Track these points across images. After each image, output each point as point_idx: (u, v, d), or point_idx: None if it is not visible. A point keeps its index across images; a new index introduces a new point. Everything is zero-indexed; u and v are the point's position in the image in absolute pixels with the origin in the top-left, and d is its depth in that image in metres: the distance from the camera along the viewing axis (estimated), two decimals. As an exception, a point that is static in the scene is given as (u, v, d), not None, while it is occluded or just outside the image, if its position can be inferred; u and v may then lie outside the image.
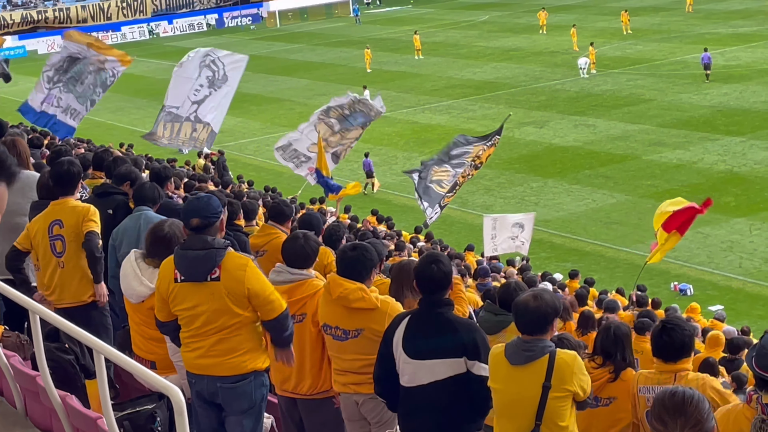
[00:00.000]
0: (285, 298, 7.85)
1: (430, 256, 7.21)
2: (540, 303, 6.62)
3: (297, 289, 8.10)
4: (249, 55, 26.10)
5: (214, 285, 7.32)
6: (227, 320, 7.36)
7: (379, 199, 36.82)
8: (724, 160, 36.97)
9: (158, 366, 8.13)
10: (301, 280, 8.11)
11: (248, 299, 7.30)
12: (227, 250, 7.37)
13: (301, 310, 8.07)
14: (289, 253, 8.18)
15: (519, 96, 51.46)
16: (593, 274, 25.64)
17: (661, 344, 7.51)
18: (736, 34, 62.58)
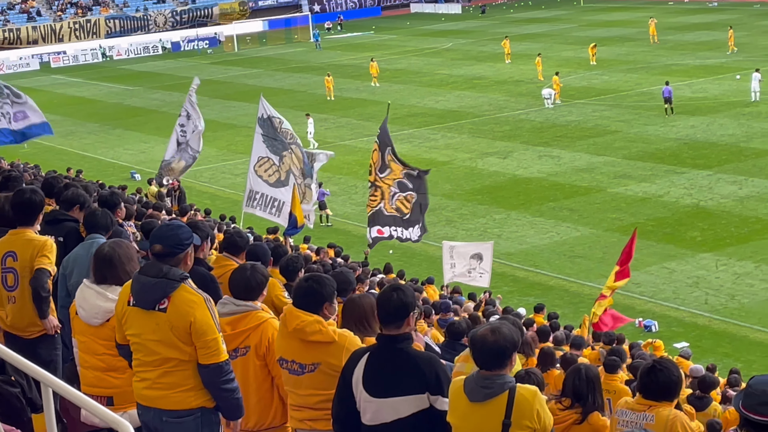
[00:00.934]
0: (228, 329, 7.84)
1: (392, 285, 7.27)
2: (498, 337, 6.64)
3: (241, 320, 8.08)
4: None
5: (160, 316, 7.30)
6: (170, 353, 7.33)
7: (339, 229, 36.84)
8: (690, 193, 37.33)
9: (116, 401, 8.05)
10: (246, 312, 8.10)
11: (190, 336, 7.27)
12: (182, 284, 7.35)
13: (244, 343, 8.05)
14: (236, 284, 8.19)
15: (482, 125, 51.74)
16: (557, 309, 25.75)
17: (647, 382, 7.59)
18: (703, 66, 63.32)
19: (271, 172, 26.99)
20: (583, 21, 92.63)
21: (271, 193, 26.71)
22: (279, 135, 26.85)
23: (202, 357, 7.33)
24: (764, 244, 31.47)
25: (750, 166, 40.07)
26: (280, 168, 26.73)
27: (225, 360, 7.39)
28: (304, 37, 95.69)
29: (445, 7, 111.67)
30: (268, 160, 27.11)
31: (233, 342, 7.98)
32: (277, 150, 26.94)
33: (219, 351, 7.34)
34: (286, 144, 26.72)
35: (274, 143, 27.05)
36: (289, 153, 26.70)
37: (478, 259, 24.91)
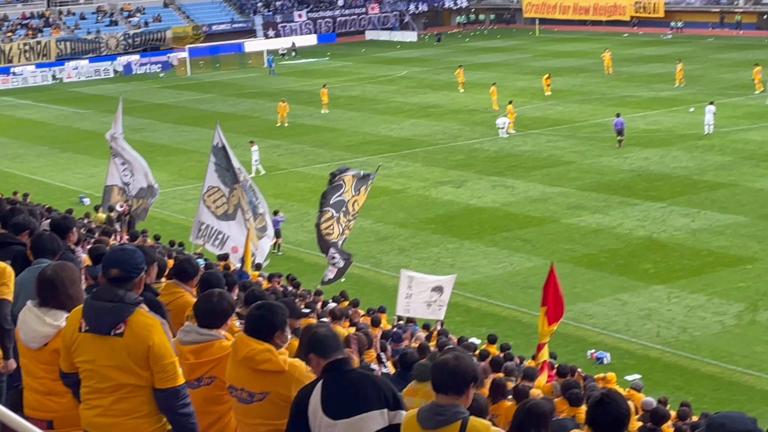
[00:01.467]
0: (192, 358, 7.79)
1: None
2: (460, 363, 6.69)
3: (205, 350, 8.03)
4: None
5: (116, 341, 7.26)
6: (126, 379, 7.28)
7: (291, 257, 36.78)
8: (643, 225, 37.65)
9: (56, 425, 7.99)
10: (210, 341, 8.05)
11: (148, 360, 7.23)
12: (137, 308, 7.32)
13: (210, 373, 8.01)
14: (201, 312, 8.13)
15: (436, 154, 51.94)
16: (509, 340, 25.80)
17: (596, 415, 7.62)
18: (657, 98, 64.02)
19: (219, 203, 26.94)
20: (538, 51, 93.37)
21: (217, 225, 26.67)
22: (232, 166, 26.77)
23: (159, 381, 7.30)
24: (716, 277, 31.79)
25: (703, 198, 40.50)
26: (228, 200, 26.65)
27: (182, 384, 7.36)
28: (258, 63, 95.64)
29: (401, 35, 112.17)
30: (218, 190, 27.07)
31: (196, 371, 7.93)
32: (227, 181, 26.86)
33: (176, 375, 7.32)
34: (237, 176, 26.65)
35: (225, 174, 26.97)
36: (241, 187, 26.62)
37: (439, 292, 24.94)
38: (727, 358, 26.07)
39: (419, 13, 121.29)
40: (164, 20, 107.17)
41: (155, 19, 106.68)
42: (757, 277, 31.49)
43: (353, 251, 36.56)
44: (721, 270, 32.41)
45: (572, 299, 30.72)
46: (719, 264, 32.96)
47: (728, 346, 26.71)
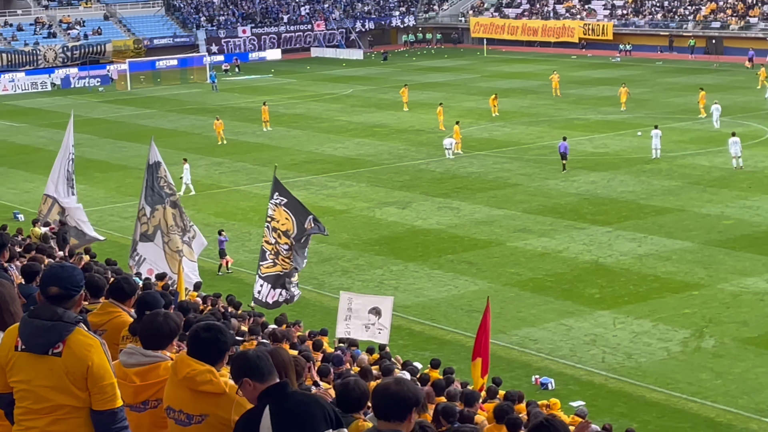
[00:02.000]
0: (138, 380, 7.73)
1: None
2: (402, 388, 6.66)
3: (151, 372, 7.95)
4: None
5: (54, 360, 7.18)
6: (63, 400, 7.21)
7: (231, 277, 36.63)
8: (589, 250, 37.93)
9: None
10: (156, 363, 7.98)
11: (86, 381, 7.17)
12: (77, 327, 7.25)
13: (156, 396, 7.94)
14: (147, 332, 8.05)
15: (382, 174, 52.04)
16: (452, 364, 25.83)
17: None
18: (605, 121, 64.62)
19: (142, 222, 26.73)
20: (485, 71, 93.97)
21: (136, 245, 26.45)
22: (156, 185, 26.46)
23: (97, 403, 7.23)
24: (662, 302, 32.08)
25: (650, 223, 40.88)
26: (149, 221, 26.42)
27: (120, 406, 7.30)
28: (201, 78, 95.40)
29: (347, 53, 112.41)
30: (143, 209, 26.84)
31: (143, 394, 7.86)
32: (151, 201, 26.60)
33: (115, 396, 7.25)
34: (163, 196, 26.34)
35: (151, 193, 26.72)
36: (163, 207, 26.31)
37: (377, 315, 24.92)
38: (672, 385, 26.29)
39: (365, 30, 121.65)
40: (104, 33, 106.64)
41: (95, 32, 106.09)
42: (703, 304, 31.82)
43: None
44: (667, 296, 32.71)
45: (517, 324, 30.89)
46: (665, 290, 33.26)
47: (673, 373, 26.94)
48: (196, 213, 45.68)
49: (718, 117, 59.97)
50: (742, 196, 44.52)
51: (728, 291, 32.85)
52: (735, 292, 32.75)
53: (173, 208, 26.57)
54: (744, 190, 45.55)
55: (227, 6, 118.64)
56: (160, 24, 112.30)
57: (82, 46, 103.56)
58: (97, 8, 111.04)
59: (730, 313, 30.94)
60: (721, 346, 28.57)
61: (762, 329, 29.62)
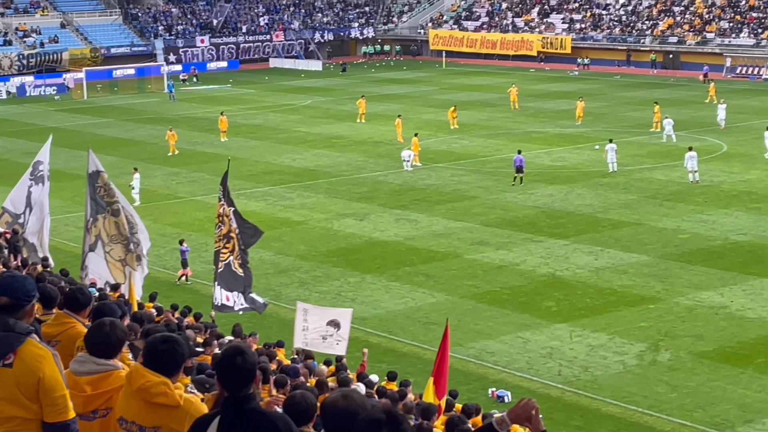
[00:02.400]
0: (89, 390, 7.66)
1: (233, 348, 7.07)
2: (349, 403, 6.59)
3: (103, 380, 7.89)
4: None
5: (4, 371, 7.11)
6: (14, 412, 7.14)
7: (187, 288, 36.48)
8: (547, 263, 38.08)
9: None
10: (108, 371, 7.93)
11: (38, 393, 7.10)
12: (28, 337, 7.19)
13: (106, 404, 7.88)
14: (94, 341, 8.00)
15: (340, 186, 52.03)
16: (409, 377, 25.84)
17: None
18: (562, 135, 64.98)
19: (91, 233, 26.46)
20: (444, 84, 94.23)
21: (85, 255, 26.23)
22: (96, 194, 26.19)
23: (49, 415, 7.16)
24: (618, 316, 32.26)
25: (606, 237, 41.12)
26: (90, 231, 26.17)
27: (72, 418, 7.24)
28: (158, 87, 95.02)
29: (305, 64, 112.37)
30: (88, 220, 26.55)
31: (93, 403, 7.79)
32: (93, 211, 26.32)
33: (67, 408, 7.19)
34: (103, 206, 26.04)
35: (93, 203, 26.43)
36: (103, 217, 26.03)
37: (335, 327, 24.88)
38: (627, 398, 26.43)
39: (324, 42, 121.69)
40: (61, 41, 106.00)
41: (51, 40, 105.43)
42: (659, 317, 32.03)
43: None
44: (623, 309, 32.90)
45: (474, 336, 30.96)
46: (622, 303, 33.45)
47: (629, 386, 27.09)
48: (152, 223, 45.44)
49: (671, 131, 60.56)
50: (698, 210, 44.88)
51: (684, 305, 33.09)
52: (690, 305, 32.99)
53: (115, 216, 26.27)
54: (700, 204, 45.93)
55: (185, 15, 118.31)
56: (117, 33, 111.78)
57: (38, 54, 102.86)
58: (54, 16, 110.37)
59: (686, 327, 31.17)
60: (676, 360, 28.77)
61: (717, 343, 29.85)
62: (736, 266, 36.96)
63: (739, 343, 29.85)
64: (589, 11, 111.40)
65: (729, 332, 30.70)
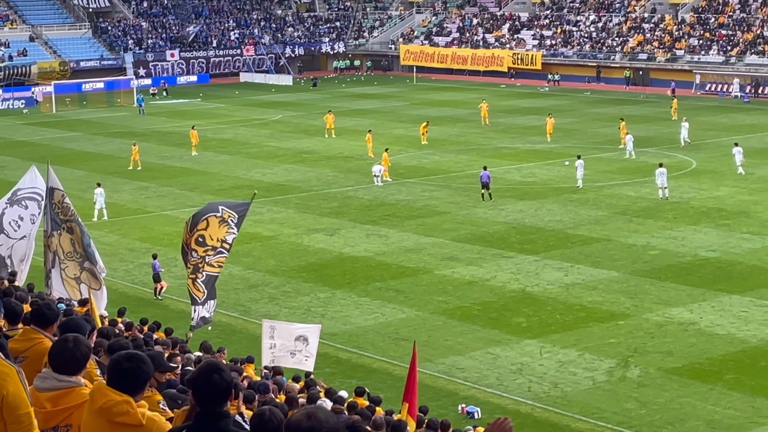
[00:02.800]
0: (49, 406, 7.59)
1: (210, 365, 7.01)
2: (314, 423, 6.50)
3: (63, 397, 7.83)
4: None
5: (-32, 388, 7.06)
6: (-22, 431, 7.10)
7: (158, 303, 36.30)
8: (517, 278, 38.14)
9: None
10: (69, 388, 7.86)
11: (1, 410, 7.03)
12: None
13: (66, 421, 7.81)
14: (58, 358, 7.92)
15: (310, 201, 51.98)
16: (379, 393, 25.81)
17: None
18: (533, 150, 65.16)
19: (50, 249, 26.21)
20: (415, 99, 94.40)
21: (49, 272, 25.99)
22: (51, 211, 25.96)
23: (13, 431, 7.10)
24: (588, 332, 32.33)
25: (576, 253, 41.24)
26: (48, 247, 25.97)
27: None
28: (128, 101, 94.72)
29: (276, 78, 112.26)
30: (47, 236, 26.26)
31: (53, 419, 7.72)
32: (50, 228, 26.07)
33: (31, 426, 7.12)
34: (59, 222, 25.81)
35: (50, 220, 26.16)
36: (59, 234, 25.79)
37: (304, 342, 24.81)
38: (597, 414, 26.48)
39: (295, 56, 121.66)
40: (30, 55, 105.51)
41: (20, 53, 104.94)
42: (629, 333, 32.12)
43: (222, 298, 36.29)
44: (593, 325, 32.98)
45: (444, 352, 30.95)
46: (591, 319, 33.53)
47: (599, 403, 27.14)
48: (121, 238, 45.34)
49: (632, 147, 61.08)
50: (667, 226, 45.08)
51: (653, 321, 33.20)
52: (660, 322, 33.11)
53: (70, 233, 26.06)
54: (669, 220, 46.14)
55: (155, 29, 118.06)
56: (87, 46, 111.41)
57: (6, 67, 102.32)
58: (23, 29, 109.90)
59: (655, 343, 31.27)
60: (646, 376, 28.85)
61: (686, 359, 29.96)
62: (705, 282, 37.14)
63: (709, 360, 29.97)
64: (559, 27, 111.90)
65: (698, 348, 30.82)
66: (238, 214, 25.65)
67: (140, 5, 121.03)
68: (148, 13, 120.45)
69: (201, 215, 25.31)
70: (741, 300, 35.12)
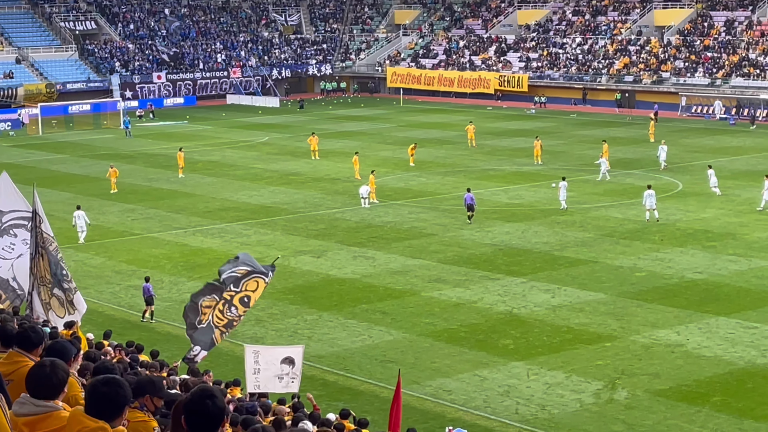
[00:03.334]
0: (27, 431, 7.55)
1: (204, 391, 6.94)
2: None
3: (42, 422, 7.79)
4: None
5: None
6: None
7: (142, 325, 36.19)
8: (504, 300, 38.14)
9: None
10: (47, 413, 7.82)
11: None
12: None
13: (43, 446, 7.77)
14: (35, 382, 7.88)
15: (297, 222, 51.96)
16: (366, 415, 25.75)
17: None
18: (519, 172, 65.27)
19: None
20: (402, 121, 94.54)
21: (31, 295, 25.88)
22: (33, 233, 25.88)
23: None
24: (575, 354, 32.32)
25: (563, 274, 41.27)
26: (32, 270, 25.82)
27: None
28: (114, 124, 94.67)
29: (263, 100, 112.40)
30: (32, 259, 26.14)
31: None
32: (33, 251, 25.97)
33: None
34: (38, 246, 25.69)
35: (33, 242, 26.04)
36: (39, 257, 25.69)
37: (290, 364, 24.74)
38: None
39: (282, 78, 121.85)
40: (16, 77, 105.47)
41: (6, 75, 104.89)
42: (616, 355, 32.13)
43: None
44: (580, 347, 32.98)
45: (431, 374, 30.91)
46: (578, 341, 33.54)
47: (586, 425, 27.12)
48: (107, 260, 45.24)
49: (605, 171, 61.45)
50: (654, 248, 45.16)
51: (640, 343, 33.21)
52: (647, 344, 33.12)
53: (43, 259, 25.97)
54: (656, 242, 46.22)
55: (142, 52, 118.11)
56: (73, 68, 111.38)
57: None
58: (9, 51, 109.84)
59: (642, 365, 31.27)
60: (633, 398, 28.84)
61: (673, 381, 29.97)
62: (692, 304, 37.19)
63: (696, 381, 29.99)
64: (545, 50, 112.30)
65: (685, 370, 30.84)
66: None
67: (126, 28, 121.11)
68: (134, 36, 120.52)
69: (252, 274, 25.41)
70: (728, 322, 35.17)
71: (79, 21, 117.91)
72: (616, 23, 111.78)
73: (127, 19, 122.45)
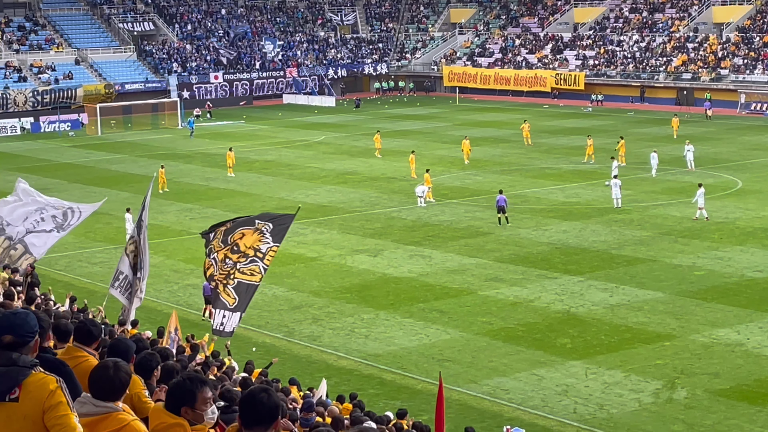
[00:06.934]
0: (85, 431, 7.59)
1: (260, 386, 7.08)
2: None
3: (101, 422, 7.81)
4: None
5: (11, 406, 7.03)
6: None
7: (201, 324, 36.36)
8: (561, 299, 37.93)
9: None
10: (107, 413, 7.85)
11: (43, 419, 7.01)
12: (33, 370, 7.12)
13: (102, 447, 7.79)
14: (97, 383, 7.91)
15: (353, 222, 52.00)
16: (423, 415, 25.73)
17: None
18: (576, 171, 64.90)
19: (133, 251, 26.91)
20: (457, 120, 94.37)
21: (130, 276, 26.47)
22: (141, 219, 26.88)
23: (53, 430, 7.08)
24: (634, 353, 32.07)
25: (621, 273, 40.96)
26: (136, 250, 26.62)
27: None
28: (172, 123, 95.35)
29: (319, 100, 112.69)
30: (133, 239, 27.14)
31: (90, 445, 7.71)
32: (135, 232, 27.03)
33: (75, 427, 7.08)
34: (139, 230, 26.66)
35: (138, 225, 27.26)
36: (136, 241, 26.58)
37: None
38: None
39: (338, 78, 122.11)
40: (75, 78, 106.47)
41: (66, 77, 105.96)
42: (675, 355, 31.84)
43: (265, 319, 36.41)
44: (638, 346, 32.71)
45: (488, 373, 30.81)
46: (637, 340, 33.26)
47: (645, 425, 26.89)
48: (165, 259, 45.53)
49: (657, 165, 61.03)
50: (713, 247, 44.71)
51: (700, 342, 32.89)
52: (706, 343, 32.79)
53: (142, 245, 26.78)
54: (715, 241, 45.76)
55: (199, 52, 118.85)
56: (131, 69, 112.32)
57: (52, 90, 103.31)
58: (69, 53, 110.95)
59: (702, 365, 30.96)
60: (692, 398, 28.56)
61: (733, 381, 29.64)
62: (752, 303, 36.78)
63: (756, 381, 29.64)
64: (602, 48, 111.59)
65: (746, 370, 30.49)
66: (273, 224, 25.94)
67: (184, 28, 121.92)
68: (192, 36, 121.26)
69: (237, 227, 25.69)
70: (789, 321, 34.74)
71: (137, 22, 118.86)
72: (673, 20, 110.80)
73: (185, 20, 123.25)
